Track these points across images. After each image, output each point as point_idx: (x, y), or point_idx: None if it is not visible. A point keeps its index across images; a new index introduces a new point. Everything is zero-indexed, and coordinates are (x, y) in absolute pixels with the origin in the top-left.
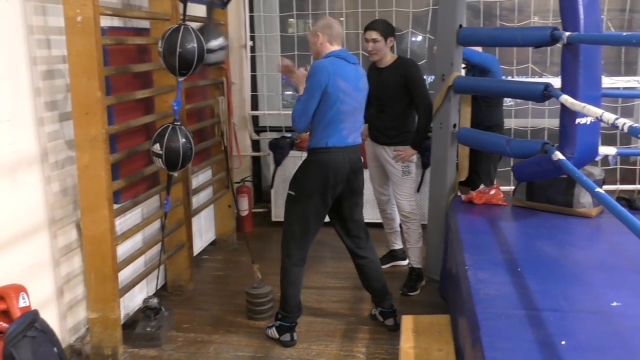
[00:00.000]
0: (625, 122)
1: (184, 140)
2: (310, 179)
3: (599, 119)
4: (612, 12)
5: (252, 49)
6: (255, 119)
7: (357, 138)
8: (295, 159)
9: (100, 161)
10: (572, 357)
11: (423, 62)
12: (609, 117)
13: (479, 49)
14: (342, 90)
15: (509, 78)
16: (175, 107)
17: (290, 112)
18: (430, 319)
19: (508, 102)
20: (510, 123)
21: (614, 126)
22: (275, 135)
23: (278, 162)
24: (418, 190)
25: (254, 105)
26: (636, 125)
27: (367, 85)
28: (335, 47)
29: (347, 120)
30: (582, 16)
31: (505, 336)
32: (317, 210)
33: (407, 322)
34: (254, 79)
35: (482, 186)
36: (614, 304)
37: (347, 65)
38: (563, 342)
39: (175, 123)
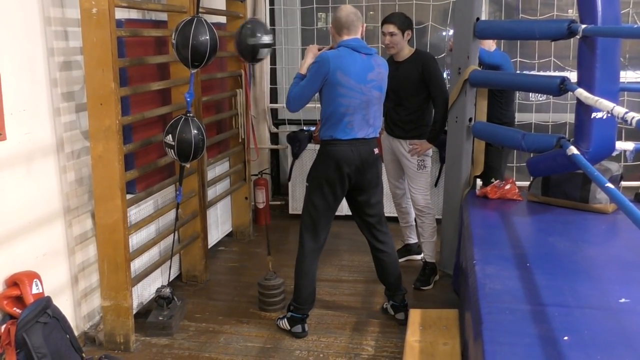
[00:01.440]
0: (634, 116)
1: (196, 131)
2: (319, 170)
3: (610, 113)
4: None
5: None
6: (274, 112)
7: (371, 131)
8: (313, 152)
9: (114, 151)
10: (573, 353)
11: (442, 55)
12: (619, 110)
13: (493, 45)
14: (342, 85)
15: (533, 72)
16: (188, 99)
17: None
18: (438, 313)
19: (531, 96)
20: (531, 118)
21: (623, 120)
22: (294, 128)
23: (296, 155)
24: (436, 184)
25: (273, 98)
26: None
27: (384, 74)
28: (347, 37)
29: (354, 114)
30: (599, 8)
31: (507, 331)
32: (327, 201)
33: (415, 315)
34: (273, 72)
35: (496, 181)
36: (623, 300)
37: (357, 56)
38: (565, 338)
39: (188, 114)
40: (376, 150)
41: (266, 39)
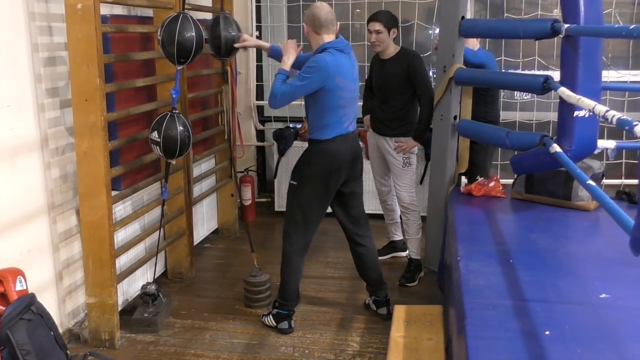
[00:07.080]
0: (614, 115)
1: (181, 128)
2: (315, 168)
3: (591, 111)
4: (622, 5)
5: (259, 39)
6: (260, 109)
7: (355, 124)
8: (299, 149)
9: (99, 148)
10: (554, 347)
11: (428, 53)
12: (600, 109)
13: (477, 44)
14: (341, 88)
15: (517, 71)
16: (174, 95)
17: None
18: (423, 309)
19: (515, 95)
20: (515, 116)
21: (604, 118)
22: (280, 125)
23: (282, 152)
24: (421, 182)
25: (260, 95)
26: (624, 117)
27: (357, 67)
28: (327, 37)
29: (347, 110)
30: (582, 8)
31: (490, 325)
32: (320, 199)
33: (400, 311)
34: (259, 69)
35: (480, 178)
36: (603, 295)
37: (343, 57)
38: (547, 332)
39: (174, 111)
40: (360, 144)
41: (236, 33)
